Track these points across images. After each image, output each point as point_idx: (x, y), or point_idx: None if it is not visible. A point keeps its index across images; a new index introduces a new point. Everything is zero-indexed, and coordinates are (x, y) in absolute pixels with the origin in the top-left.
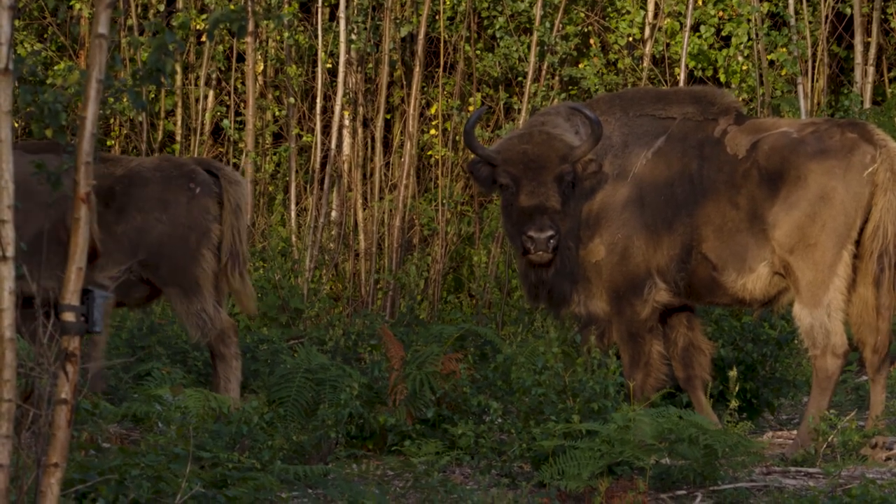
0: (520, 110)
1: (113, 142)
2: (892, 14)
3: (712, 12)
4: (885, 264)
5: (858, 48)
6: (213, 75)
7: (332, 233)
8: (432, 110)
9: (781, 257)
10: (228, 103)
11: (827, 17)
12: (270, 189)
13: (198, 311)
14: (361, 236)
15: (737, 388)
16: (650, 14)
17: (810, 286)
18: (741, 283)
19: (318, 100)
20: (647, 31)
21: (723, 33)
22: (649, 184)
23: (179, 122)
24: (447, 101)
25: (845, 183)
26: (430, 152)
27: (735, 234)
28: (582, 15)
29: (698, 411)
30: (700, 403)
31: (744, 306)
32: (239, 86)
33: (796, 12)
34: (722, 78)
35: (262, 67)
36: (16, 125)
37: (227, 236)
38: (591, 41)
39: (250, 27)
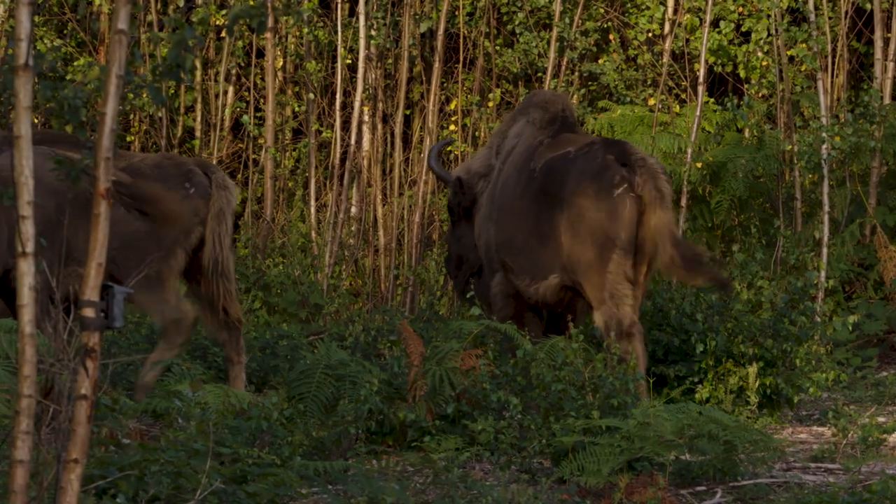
0: None
1: (132, 137)
2: None
3: (732, 8)
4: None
5: (878, 43)
6: (233, 71)
7: (352, 228)
8: (452, 106)
9: (569, 272)
10: (248, 99)
11: (847, 12)
12: (290, 185)
13: (158, 301)
14: (381, 232)
15: (756, 384)
16: (670, 10)
17: (593, 290)
18: (534, 287)
19: (338, 95)
20: (667, 27)
21: (742, 29)
22: (496, 191)
23: (199, 118)
24: (467, 97)
25: (597, 203)
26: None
27: (532, 246)
28: (601, 10)
29: None
30: None
31: (546, 307)
32: (259, 81)
33: (816, 8)
34: (742, 73)
35: (281, 63)
36: (35, 121)
37: (209, 241)
38: (611, 37)
39: (270, 23)
